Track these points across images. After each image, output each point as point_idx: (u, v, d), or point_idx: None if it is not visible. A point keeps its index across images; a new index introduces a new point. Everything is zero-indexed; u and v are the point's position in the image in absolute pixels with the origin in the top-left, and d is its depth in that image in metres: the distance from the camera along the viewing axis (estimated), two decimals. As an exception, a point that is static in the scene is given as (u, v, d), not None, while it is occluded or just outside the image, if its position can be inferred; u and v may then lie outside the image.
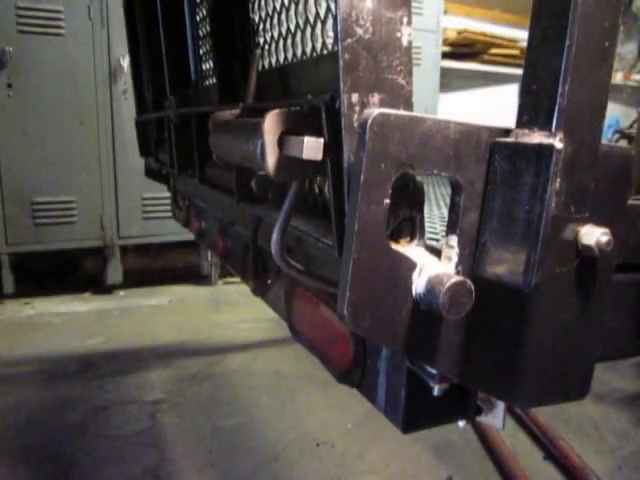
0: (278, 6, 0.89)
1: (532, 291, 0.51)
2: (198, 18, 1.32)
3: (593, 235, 0.53)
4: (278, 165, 0.63)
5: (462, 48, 4.79)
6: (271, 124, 0.62)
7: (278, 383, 2.45)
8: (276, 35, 0.93)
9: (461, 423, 0.68)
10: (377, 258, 0.49)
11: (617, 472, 1.89)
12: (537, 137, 0.49)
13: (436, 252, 0.54)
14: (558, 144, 0.47)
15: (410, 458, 1.92)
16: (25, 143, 3.24)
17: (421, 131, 0.48)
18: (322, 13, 0.74)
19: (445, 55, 4.56)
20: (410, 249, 0.53)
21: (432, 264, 0.51)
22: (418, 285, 0.50)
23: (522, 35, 5.02)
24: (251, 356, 2.73)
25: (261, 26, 0.99)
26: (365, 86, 0.54)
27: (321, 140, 0.59)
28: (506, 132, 0.52)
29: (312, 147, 0.59)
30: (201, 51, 1.36)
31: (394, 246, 0.50)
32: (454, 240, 0.52)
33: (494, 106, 5.13)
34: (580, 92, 0.49)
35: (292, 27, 0.85)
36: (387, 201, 0.48)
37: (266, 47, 0.98)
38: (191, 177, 1.30)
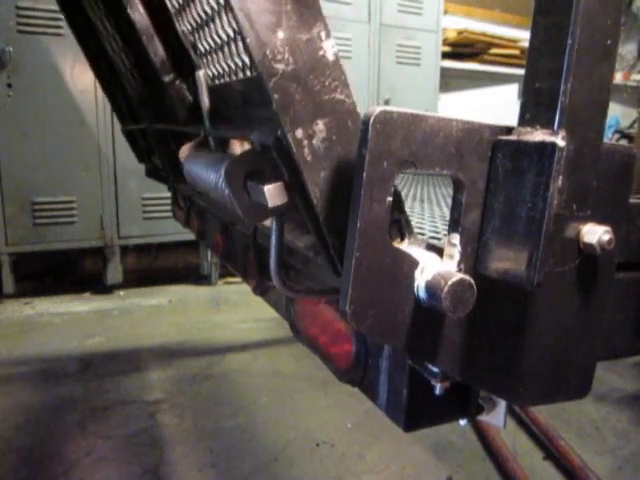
0: (204, 20, 0.83)
1: (534, 289, 0.51)
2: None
3: (595, 233, 0.53)
4: (249, 210, 0.63)
5: (462, 48, 4.79)
6: (231, 173, 0.62)
7: (278, 383, 2.45)
8: (215, 53, 0.87)
9: (463, 422, 0.68)
10: (379, 256, 0.49)
11: (617, 472, 1.89)
12: (539, 135, 0.49)
13: (438, 250, 0.54)
14: (560, 142, 0.47)
15: (410, 458, 1.92)
16: (25, 143, 3.23)
17: (423, 129, 0.48)
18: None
19: (445, 55, 4.56)
20: (412, 247, 0.53)
21: (434, 262, 0.51)
22: (420, 283, 0.50)
23: (522, 35, 5.03)
24: (251, 356, 2.73)
25: (199, 45, 0.93)
26: (305, 118, 0.51)
27: (280, 184, 0.58)
28: (508, 130, 0.52)
29: (274, 194, 0.58)
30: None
31: (396, 244, 0.50)
32: (456, 238, 0.52)
33: (494, 106, 5.14)
34: (582, 90, 0.49)
35: (225, 43, 0.80)
36: (389, 199, 0.48)
37: (210, 66, 0.93)
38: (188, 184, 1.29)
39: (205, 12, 0.80)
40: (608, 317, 0.63)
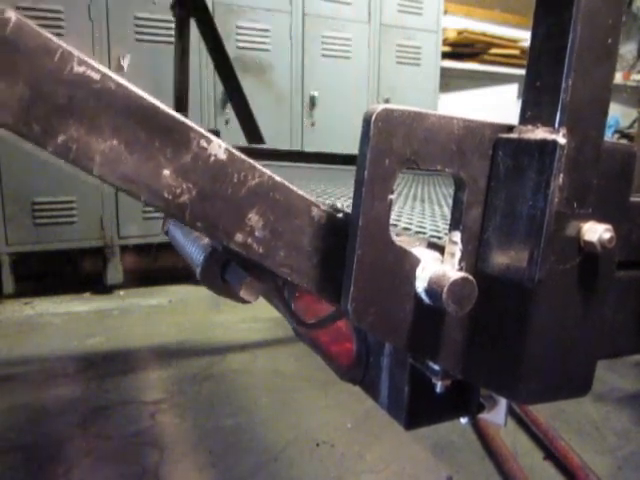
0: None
1: (535, 287, 0.51)
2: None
3: (596, 232, 0.53)
4: (238, 297, 0.64)
5: (462, 48, 4.80)
6: (206, 276, 0.64)
7: (278, 383, 2.45)
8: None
9: (463, 420, 0.69)
10: (381, 254, 0.49)
11: (617, 472, 1.89)
12: (540, 133, 0.49)
13: (439, 248, 0.54)
14: (561, 140, 0.47)
15: (410, 458, 1.92)
16: (25, 143, 3.23)
17: (425, 127, 0.48)
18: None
19: (445, 55, 4.57)
20: (413, 246, 0.53)
21: (435, 260, 0.52)
22: (422, 281, 0.50)
23: (522, 35, 5.03)
24: (251, 356, 2.73)
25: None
26: (235, 221, 0.49)
27: (250, 280, 0.60)
28: (509, 128, 0.52)
29: (250, 293, 0.60)
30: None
31: (398, 242, 0.50)
32: (457, 236, 0.52)
33: (494, 106, 5.14)
34: (583, 88, 0.49)
35: None
36: (391, 197, 0.48)
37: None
38: None
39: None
40: (609, 315, 0.63)
